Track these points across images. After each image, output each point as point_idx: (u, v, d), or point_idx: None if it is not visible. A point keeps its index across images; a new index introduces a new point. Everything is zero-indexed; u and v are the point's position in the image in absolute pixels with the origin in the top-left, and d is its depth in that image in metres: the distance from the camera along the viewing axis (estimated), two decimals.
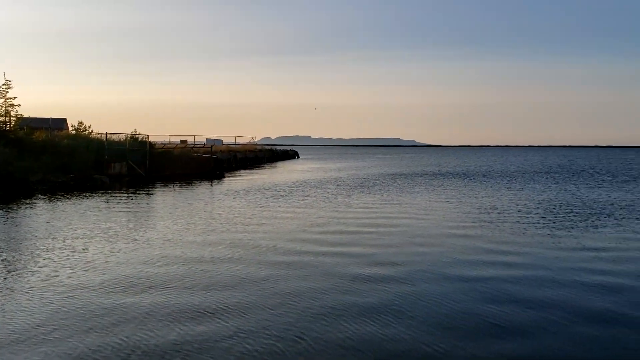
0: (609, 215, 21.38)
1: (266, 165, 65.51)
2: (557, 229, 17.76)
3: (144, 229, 17.49)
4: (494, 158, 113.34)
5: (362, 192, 31.00)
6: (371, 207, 23.79)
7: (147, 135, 44.12)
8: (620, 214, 21.63)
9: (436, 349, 7.56)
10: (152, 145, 44.23)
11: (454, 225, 18.65)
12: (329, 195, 28.96)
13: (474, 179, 44.52)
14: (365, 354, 7.40)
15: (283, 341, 7.78)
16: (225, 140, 78.71)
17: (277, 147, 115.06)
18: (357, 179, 43.52)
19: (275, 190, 31.92)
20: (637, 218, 20.66)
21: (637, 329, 8.46)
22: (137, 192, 30.86)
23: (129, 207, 23.77)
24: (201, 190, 32.00)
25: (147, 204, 25.71)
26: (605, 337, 8.08)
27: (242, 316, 8.87)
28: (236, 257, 13.24)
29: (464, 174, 52.21)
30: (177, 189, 33.59)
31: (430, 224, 19.09)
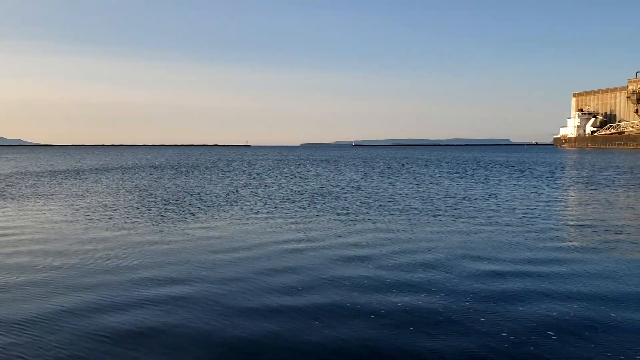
0: (211, 203, 24.38)
1: None
2: (166, 220, 19.38)
3: None
4: (111, 157, 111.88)
5: None
6: None
7: None
8: (221, 203, 24.90)
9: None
10: None
11: (80, 230, 18.25)
12: None
13: (87, 177, 43.62)
14: None
15: None
16: None
17: None
18: None
19: None
20: (217, 206, 24.16)
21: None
22: None
23: None
24: None
25: None
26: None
27: None
28: None
29: (78, 172, 50.51)
30: None
31: (52, 229, 18.24)
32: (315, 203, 24.67)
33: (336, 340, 7.68)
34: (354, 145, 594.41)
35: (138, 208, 23.10)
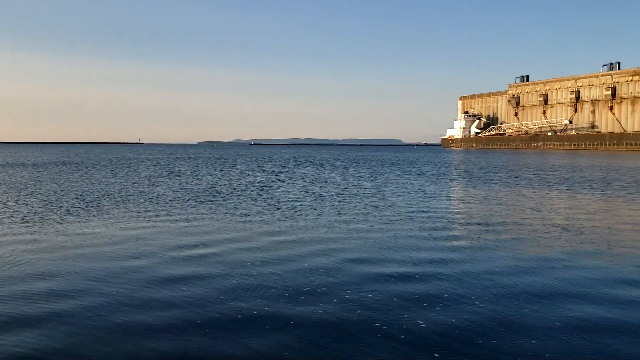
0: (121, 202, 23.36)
1: None
2: (43, 221, 18.33)
3: None
4: None
5: None
6: None
7: None
8: (105, 203, 23.91)
9: None
10: None
11: None
12: None
13: None
14: None
15: None
16: None
17: None
18: None
19: None
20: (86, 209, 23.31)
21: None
22: None
23: None
24: None
25: None
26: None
27: None
28: None
29: None
30: None
31: None
32: (206, 202, 24.41)
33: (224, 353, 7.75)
34: (253, 144, 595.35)
35: (12, 208, 21.63)
